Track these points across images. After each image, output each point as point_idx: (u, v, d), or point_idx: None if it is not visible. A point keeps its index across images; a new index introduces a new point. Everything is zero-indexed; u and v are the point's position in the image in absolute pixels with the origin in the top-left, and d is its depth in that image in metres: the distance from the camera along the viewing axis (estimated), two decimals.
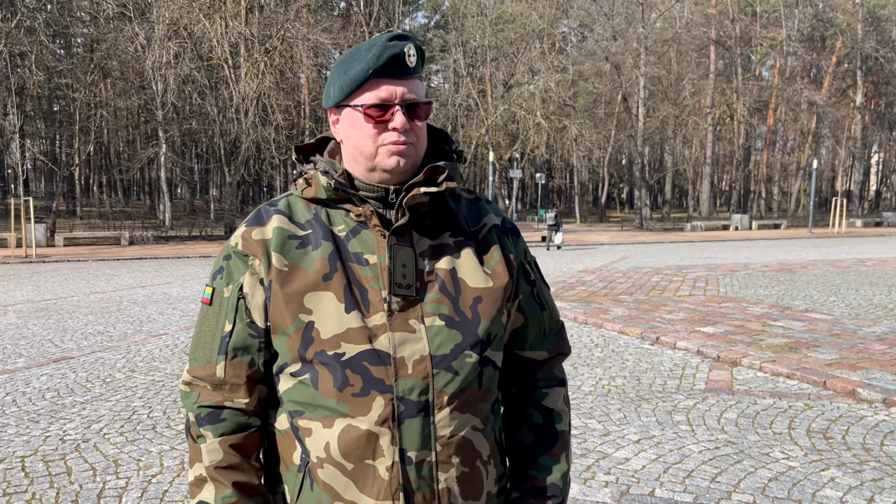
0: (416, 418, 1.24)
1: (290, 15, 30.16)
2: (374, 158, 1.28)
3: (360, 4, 36.94)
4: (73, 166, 32.06)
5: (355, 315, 1.25)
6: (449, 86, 37.44)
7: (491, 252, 1.38)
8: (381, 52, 1.24)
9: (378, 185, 1.31)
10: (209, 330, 1.33)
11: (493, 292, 1.34)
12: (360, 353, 1.24)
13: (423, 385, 1.25)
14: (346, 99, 1.28)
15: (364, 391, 1.23)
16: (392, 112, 1.26)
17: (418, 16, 58.14)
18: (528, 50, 35.72)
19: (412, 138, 1.28)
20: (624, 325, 8.69)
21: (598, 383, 6.28)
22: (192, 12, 27.67)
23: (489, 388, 1.33)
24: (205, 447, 1.31)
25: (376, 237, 1.29)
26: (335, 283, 1.26)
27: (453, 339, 1.28)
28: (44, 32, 29.18)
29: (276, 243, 1.29)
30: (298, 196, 1.34)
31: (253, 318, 1.30)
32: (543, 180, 38.97)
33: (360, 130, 1.27)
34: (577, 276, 14.75)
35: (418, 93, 1.29)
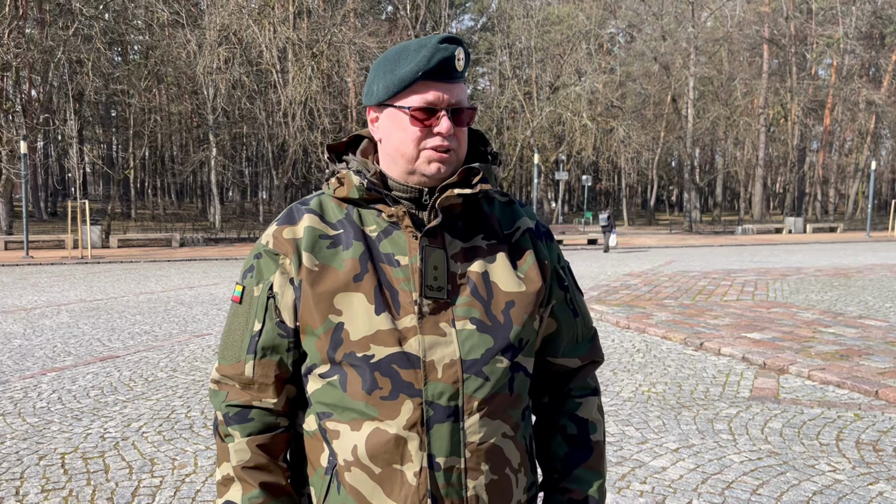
0: (446, 423, 1.22)
1: (337, 19, 30.49)
2: (415, 162, 1.27)
3: (406, 8, 37.14)
4: (127, 170, 32.94)
5: (385, 317, 1.23)
6: (494, 88, 37.35)
7: (524, 256, 1.36)
8: (433, 55, 1.22)
9: (414, 186, 1.29)
10: (238, 328, 1.32)
11: (526, 297, 1.31)
12: (390, 356, 1.22)
13: (452, 390, 1.23)
14: (391, 99, 1.26)
15: (393, 394, 1.22)
16: (438, 117, 1.24)
17: (465, 18, 58.25)
18: (574, 51, 35.40)
19: (454, 144, 1.27)
20: (667, 330, 8.51)
21: (637, 389, 6.14)
22: (242, 18, 28.19)
23: (520, 394, 1.31)
24: (232, 447, 1.30)
25: (408, 238, 1.27)
26: (366, 283, 1.25)
27: (484, 344, 1.26)
28: (100, 40, 30.06)
29: (307, 242, 1.28)
30: (331, 195, 1.33)
31: (283, 317, 1.29)
32: (590, 182, 38.60)
33: (404, 133, 1.26)
34: (621, 280, 14.52)
35: (463, 98, 1.28)
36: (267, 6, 29.04)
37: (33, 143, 30.65)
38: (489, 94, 38.70)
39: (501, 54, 35.33)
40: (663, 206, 66.73)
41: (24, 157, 22.11)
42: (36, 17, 31.75)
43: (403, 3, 37.52)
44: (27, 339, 8.37)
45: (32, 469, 4.23)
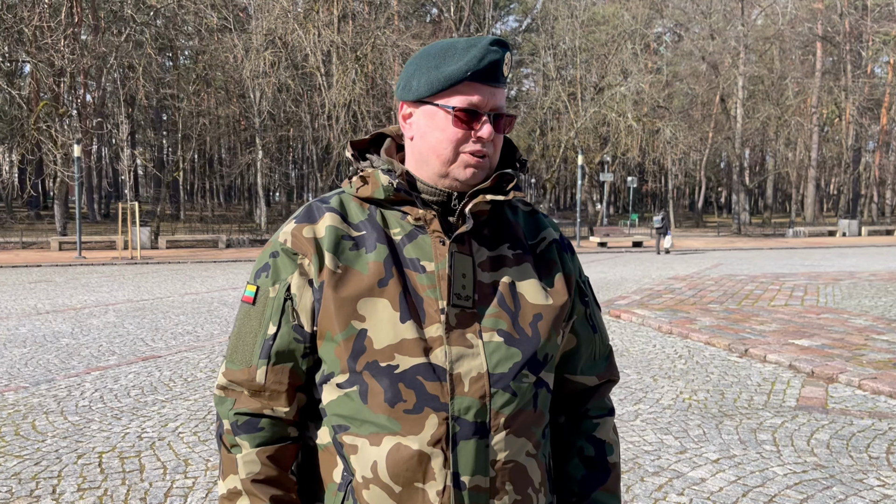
0: (472, 440, 1.16)
1: (381, 22, 30.66)
2: (450, 165, 1.21)
3: (450, 10, 37.18)
4: (176, 172, 33.67)
5: (411, 325, 1.17)
6: (538, 89, 37.14)
7: (551, 268, 1.31)
8: (484, 56, 1.17)
9: (444, 190, 1.24)
10: (251, 331, 1.24)
11: (553, 311, 1.26)
12: (415, 367, 1.16)
13: (479, 405, 1.17)
14: (433, 96, 1.20)
15: (417, 408, 1.15)
16: (481, 121, 1.19)
17: (509, 20, 58.07)
18: (619, 51, 34.97)
19: (490, 150, 1.22)
20: (711, 335, 8.29)
21: (678, 397, 5.99)
22: (288, 22, 28.57)
23: (543, 411, 1.26)
24: (241, 458, 1.23)
25: (434, 243, 1.21)
26: (391, 289, 1.18)
27: (512, 358, 1.20)
28: (150, 45, 30.79)
29: (329, 243, 1.21)
30: (352, 194, 1.26)
31: (300, 320, 1.21)
32: (635, 184, 38.07)
33: (443, 133, 1.19)
34: (665, 284, 14.25)
35: (504, 104, 1.23)
36: (312, 10, 29.36)
37: (87, 147, 31.54)
38: (533, 95, 38.49)
39: (545, 55, 35.11)
40: (711, 208, 65.50)
41: (78, 160, 22.75)
42: (90, 24, 32.66)
43: (447, 5, 37.56)
44: (74, 339, 8.57)
45: (70, 468, 4.31)
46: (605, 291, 13.23)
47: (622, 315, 9.86)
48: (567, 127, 34.59)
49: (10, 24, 26.83)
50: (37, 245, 26.94)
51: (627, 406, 5.72)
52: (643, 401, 5.86)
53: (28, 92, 31.38)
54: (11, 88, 27.22)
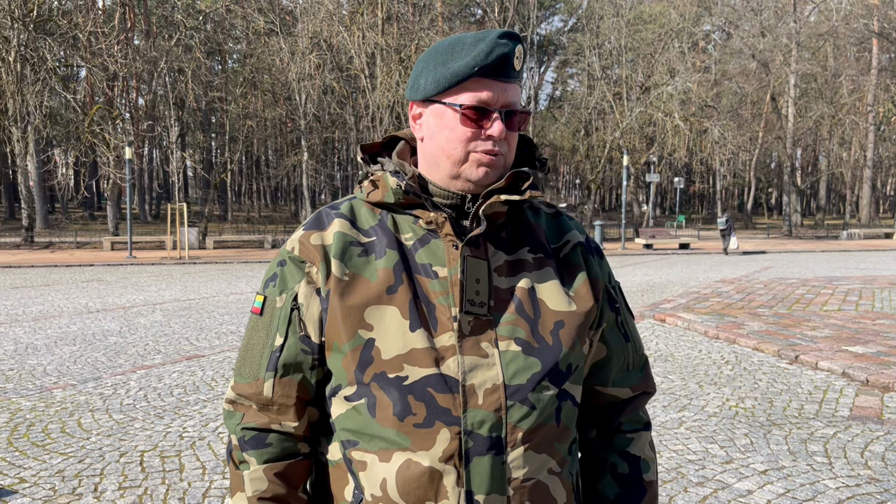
0: (486, 456, 1.09)
1: (424, 24, 30.73)
2: (461, 165, 1.15)
3: (493, 11, 37.08)
4: (223, 173, 34.27)
5: (421, 333, 1.11)
6: (583, 88, 36.78)
7: (575, 273, 1.23)
8: (491, 50, 1.11)
9: (457, 192, 1.18)
10: (258, 343, 1.19)
11: (577, 317, 1.18)
12: (426, 378, 1.10)
13: (494, 418, 1.10)
14: (441, 94, 1.15)
15: (428, 422, 1.09)
16: (491, 118, 1.13)
17: (554, 19, 57.73)
18: (666, 50, 34.42)
19: (504, 148, 1.15)
20: (759, 340, 8.06)
21: (724, 404, 5.82)
22: (333, 25, 28.83)
23: (567, 425, 1.18)
24: (248, 475, 1.19)
25: (447, 248, 1.15)
26: (400, 296, 1.13)
27: (530, 368, 1.13)
28: (199, 50, 31.39)
29: (336, 249, 1.16)
30: (363, 199, 1.22)
31: (307, 331, 1.16)
32: (682, 185, 37.41)
33: (452, 132, 1.14)
34: (713, 287, 13.94)
35: (517, 99, 1.16)
36: (357, 12, 29.59)
37: (139, 149, 32.29)
38: (577, 95, 38.13)
39: (590, 55, 34.74)
40: (761, 209, 64.06)
41: (129, 162, 23.29)
42: (142, 29, 33.47)
43: (491, 6, 37.47)
44: (122, 337, 8.75)
45: (113, 466, 4.36)
46: (650, 294, 13.00)
47: (667, 319, 9.66)
48: (612, 127, 34.17)
49: (66, 29, 27.63)
50: (90, 245, 27.70)
51: (671, 413, 5.57)
52: (688, 408, 5.71)
53: (83, 96, 32.30)
54: (67, 92, 28.01)
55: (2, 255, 23.33)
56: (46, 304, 11.95)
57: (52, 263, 20.56)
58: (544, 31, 54.55)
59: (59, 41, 28.27)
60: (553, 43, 52.47)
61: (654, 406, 5.73)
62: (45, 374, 6.75)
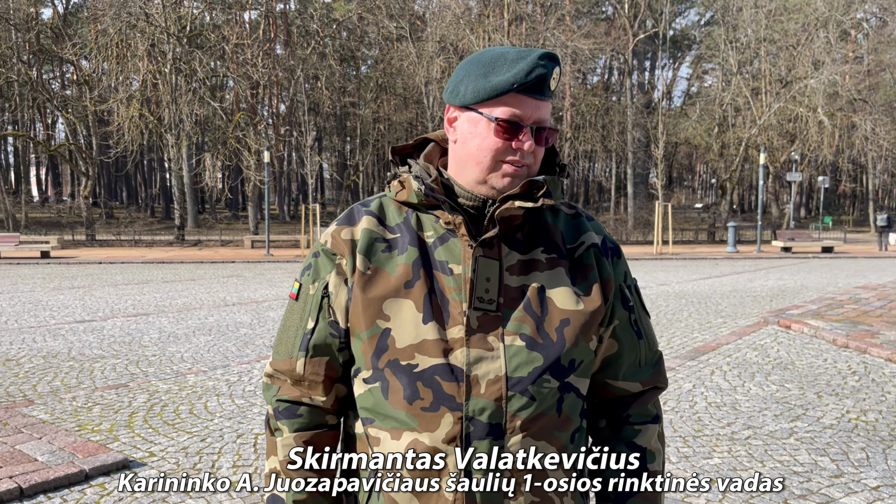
0: (485, 441, 1.19)
1: (551, 23, 30.57)
2: (489, 173, 1.24)
3: (624, 7, 36.28)
4: (354, 175, 35.60)
5: (432, 326, 1.21)
6: (720, 84, 35.26)
7: (586, 273, 1.30)
8: (532, 69, 1.19)
9: (480, 195, 1.27)
10: (293, 325, 1.33)
11: (583, 316, 1.26)
12: (434, 367, 1.20)
13: (494, 407, 1.20)
14: (479, 104, 1.23)
15: (434, 406, 1.20)
16: (523, 132, 1.22)
17: (690, 13, 55.57)
18: (810, 41, 32.36)
19: (530, 160, 1.24)
20: (893, 351, 7.51)
21: (843, 416, 5.51)
22: (459, 28, 29.28)
23: (570, 415, 1.27)
24: (280, 441, 1.32)
25: (463, 247, 1.25)
26: (416, 290, 1.23)
27: (533, 362, 1.22)
28: (332, 57, 32.80)
29: (362, 245, 1.27)
30: (392, 198, 1.33)
31: (336, 317, 1.28)
32: (827, 184, 35.06)
33: (484, 141, 1.23)
34: (851, 293, 13.04)
35: (548, 117, 1.25)
36: (483, 15, 29.89)
37: (277, 153, 34.19)
38: (711, 91, 36.59)
39: (726, 48, 33.24)
40: None
41: (268, 165, 24.73)
42: (283, 39, 35.39)
43: (622, 3, 36.68)
44: (252, 329, 9.38)
45: (230, 446, 4.76)
46: (779, 300, 12.36)
47: (792, 325, 9.17)
48: (749, 123, 32.54)
49: (214, 42, 29.70)
50: (233, 243, 29.63)
51: (782, 423, 5.35)
52: (801, 418, 5.46)
53: (230, 104, 34.60)
54: (215, 101, 30.11)
55: (157, 252, 25.44)
56: (190, 296, 12.98)
57: (199, 260, 22.21)
58: (679, 25, 52.72)
59: (209, 53, 30.45)
60: (687, 38, 50.60)
61: (764, 415, 5.53)
62: (182, 361, 7.38)
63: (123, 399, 5.89)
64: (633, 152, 36.59)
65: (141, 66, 29.19)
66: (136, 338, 8.66)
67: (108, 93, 30.62)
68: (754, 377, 6.74)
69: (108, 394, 6.05)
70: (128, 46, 28.30)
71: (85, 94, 31.62)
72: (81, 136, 33.61)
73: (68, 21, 41.31)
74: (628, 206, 37.91)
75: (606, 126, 37.62)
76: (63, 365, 7.14)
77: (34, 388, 6.22)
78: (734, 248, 25.85)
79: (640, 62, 45.11)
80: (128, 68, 28.74)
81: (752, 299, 12.48)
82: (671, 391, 6.24)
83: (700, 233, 34.11)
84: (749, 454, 4.68)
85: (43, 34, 40.32)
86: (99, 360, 7.35)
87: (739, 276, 17.13)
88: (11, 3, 34.03)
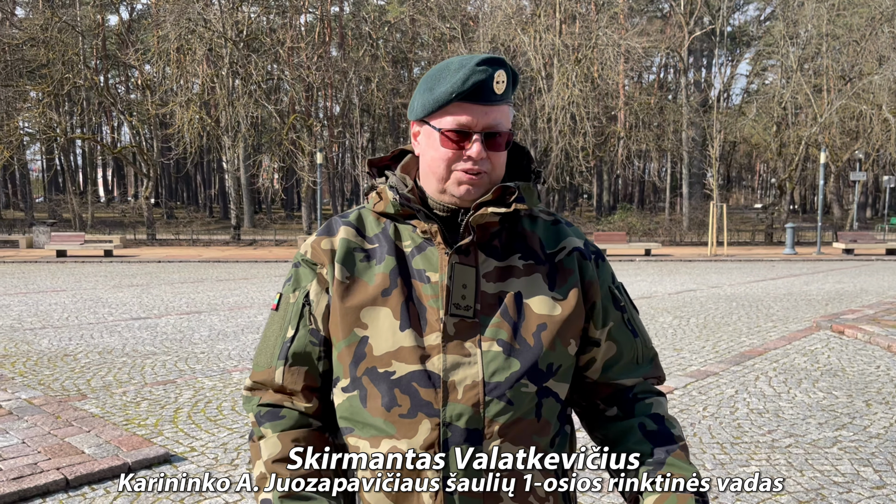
0: (463, 446, 1.20)
1: (603, 22, 30.23)
2: (445, 182, 1.27)
3: (680, 5, 35.64)
4: None
5: (409, 333, 1.22)
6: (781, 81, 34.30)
7: (566, 277, 1.31)
8: (468, 77, 1.20)
9: (447, 204, 1.29)
10: (273, 335, 1.32)
11: (559, 321, 1.27)
12: (411, 374, 1.21)
13: (472, 412, 1.20)
14: (428, 117, 1.26)
15: (411, 413, 1.20)
16: (471, 140, 1.23)
17: (749, 8, 54.29)
18: (874, 36, 31.22)
19: (486, 167, 1.25)
20: None
21: (891, 426, 5.33)
22: (511, 28, 29.20)
23: (549, 420, 1.27)
24: (264, 443, 1.27)
25: (440, 255, 1.26)
26: (393, 299, 1.24)
27: (510, 367, 1.22)
28: (384, 59, 33.10)
29: (340, 254, 1.29)
30: (370, 209, 1.35)
31: (317, 325, 1.29)
32: (893, 183, 33.78)
33: (436, 152, 1.25)
34: None
35: (502, 120, 1.25)
36: (535, 14, 29.76)
37: (331, 154, 34.68)
38: (770, 89, 35.63)
39: (786, 44, 32.33)
40: None
41: (320, 166, 25.11)
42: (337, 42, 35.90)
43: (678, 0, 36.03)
44: None
45: None
46: (836, 304, 11.98)
47: (846, 331, 8.89)
48: (810, 121, 31.59)
49: (269, 46, 30.31)
50: (287, 243, 30.17)
51: (826, 431, 5.21)
52: (847, 427, 5.30)
53: (285, 105, 35.26)
54: (269, 103, 30.73)
55: (213, 251, 26.09)
56: (242, 295, 13.29)
57: (253, 259, 22.70)
58: (737, 21, 51.51)
59: (264, 57, 31.09)
60: (746, 34, 49.38)
61: (807, 423, 5.39)
62: (229, 358, 7.58)
63: (170, 395, 6.09)
64: (688, 152, 35.90)
65: (199, 70, 30.00)
66: (187, 335, 8.92)
67: (168, 96, 31.57)
68: (801, 384, 6.57)
69: (157, 389, 6.27)
70: (187, 51, 29.12)
71: (147, 97, 32.66)
72: (143, 139, 34.71)
73: (132, 27, 42.71)
74: (683, 206, 37.22)
75: (661, 125, 37.02)
76: (117, 361, 7.42)
77: (88, 383, 6.49)
78: (792, 250, 25.13)
79: (696, 60, 44.23)
80: (187, 72, 29.56)
81: (807, 303, 12.13)
82: (712, 396, 6.13)
83: (757, 234, 33.26)
84: (788, 462, 4.58)
85: (109, 40, 41.80)
86: (150, 357, 7.61)
87: (795, 279, 16.66)
88: (79, 10, 35.37)
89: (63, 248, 23.68)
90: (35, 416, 5.24)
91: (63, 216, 41.20)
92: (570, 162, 30.29)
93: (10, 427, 4.97)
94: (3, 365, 7.21)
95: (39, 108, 31.27)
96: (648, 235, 31.26)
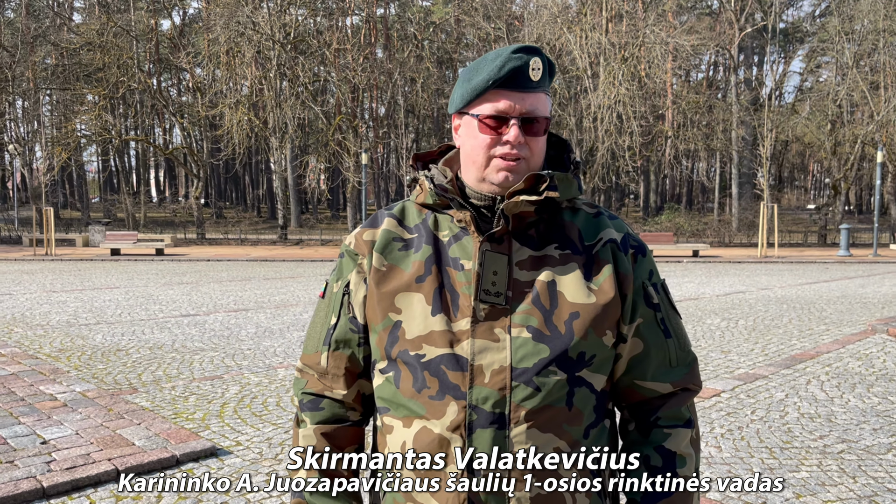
0: (489, 430, 1.23)
1: (650, 20, 29.82)
2: (484, 170, 1.30)
3: (730, 1, 34.96)
4: None
5: (440, 318, 1.27)
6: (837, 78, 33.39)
7: (601, 268, 1.31)
8: (504, 64, 1.25)
9: (486, 193, 1.32)
10: (320, 321, 1.42)
11: (594, 309, 1.27)
12: (440, 357, 1.25)
13: (498, 396, 1.23)
14: (467, 107, 1.30)
15: (440, 395, 1.25)
16: (508, 125, 1.26)
17: (803, 4, 52.97)
18: None
19: (525, 152, 1.28)
20: None
21: None
22: (556, 27, 29.02)
23: (581, 410, 1.27)
24: (302, 432, 1.40)
25: (475, 243, 1.30)
26: (427, 285, 1.29)
27: (538, 354, 1.24)
28: (429, 60, 33.21)
29: (379, 244, 1.35)
30: (413, 201, 1.40)
31: (355, 313, 1.36)
32: None
33: (475, 140, 1.29)
34: None
35: (539, 107, 1.28)
36: (581, 13, 29.52)
37: (374, 154, 34.95)
38: (825, 87, 34.70)
39: (841, 40, 31.44)
40: None
41: (365, 166, 25.31)
42: (382, 44, 36.16)
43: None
44: None
45: None
46: (893, 307, 11.61)
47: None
48: (866, 119, 30.65)
49: (315, 48, 30.68)
50: (332, 242, 30.51)
51: (881, 437, 5.05)
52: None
53: (331, 106, 35.66)
54: (316, 105, 31.11)
55: (261, 250, 26.53)
56: (288, 293, 13.48)
57: (299, 258, 23.01)
58: (790, 17, 50.26)
59: (311, 58, 31.49)
60: (799, 30, 48.17)
61: (861, 428, 5.23)
62: (274, 355, 7.70)
63: (217, 390, 6.21)
64: (737, 151, 35.18)
65: (248, 72, 30.54)
66: (235, 332, 9.09)
67: (218, 98, 32.21)
68: (855, 388, 6.38)
69: (204, 384, 6.40)
70: (236, 54, 29.67)
71: (198, 99, 33.37)
72: (194, 140, 35.48)
73: (184, 31, 43.70)
74: (732, 207, 36.49)
75: (710, 124, 36.36)
76: (166, 356, 7.60)
77: (139, 377, 6.66)
78: (847, 252, 24.42)
79: (746, 57, 43.27)
80: (236, 74, 30.13)
81: (862, 306, 11.78)
82: (760, 400, 6.00)
83: (810, 235, 32.42)
84: (840, 468, 4.45)
85: (161, 44, 42.85)
86: (199, 353, 7.78)
87: (850, 282, 16.19)
88: (133, 15, 36.34)
89: (117, 247, 24.35)
90: (88, 408, 5.40)
91: (117, 216, 42.41)
92: (616, 162, 29.96)
93: (65, 418, 5.13)
94: (59, 359, 7.44)
95: (95, 110, 32.23)
96: (696, 236, 30.72)
